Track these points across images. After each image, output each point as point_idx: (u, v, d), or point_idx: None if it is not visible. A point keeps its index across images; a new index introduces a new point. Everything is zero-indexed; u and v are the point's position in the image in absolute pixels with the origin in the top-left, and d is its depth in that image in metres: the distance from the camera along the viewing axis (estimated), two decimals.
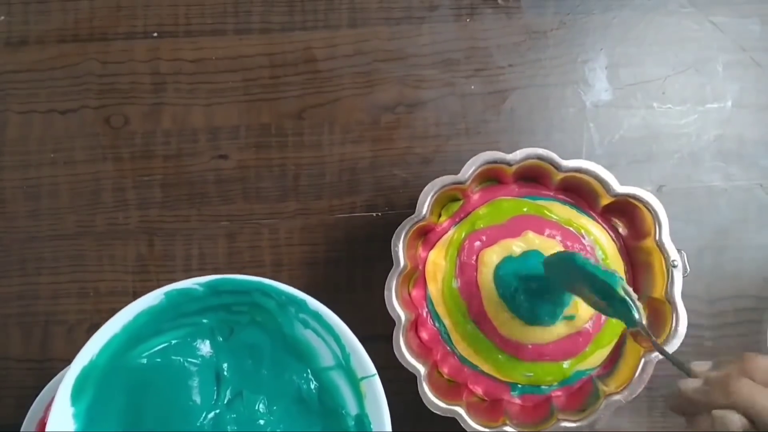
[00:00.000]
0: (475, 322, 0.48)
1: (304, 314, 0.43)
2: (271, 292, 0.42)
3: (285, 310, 0.43)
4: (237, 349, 0.44)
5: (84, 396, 0.40)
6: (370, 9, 0.56)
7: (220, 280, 0.41)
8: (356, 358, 0.42)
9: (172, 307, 0.42)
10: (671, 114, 0.56)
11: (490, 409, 0.48)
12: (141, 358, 0.42)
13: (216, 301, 0.43)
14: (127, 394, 0.42)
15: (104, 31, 0.56)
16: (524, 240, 0.48)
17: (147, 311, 0.41)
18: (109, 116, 0.56)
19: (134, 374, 0.42)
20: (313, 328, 0.43)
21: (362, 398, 0.42)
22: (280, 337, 0.44)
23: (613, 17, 0.56)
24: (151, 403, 0.42)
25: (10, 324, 0.55)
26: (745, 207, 0.55)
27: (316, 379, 0.44)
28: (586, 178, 0.47)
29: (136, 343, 0.42)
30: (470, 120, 0.56)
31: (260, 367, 0.44)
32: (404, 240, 0.47)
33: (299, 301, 0.42)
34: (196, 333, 0.44)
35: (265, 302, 0.43)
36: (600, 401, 0.46)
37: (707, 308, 0.54)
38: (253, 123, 0.56)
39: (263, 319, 0.44)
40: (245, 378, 0.44)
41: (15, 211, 0.55)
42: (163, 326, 0.43)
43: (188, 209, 0.55)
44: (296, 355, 0.44)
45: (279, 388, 0.44)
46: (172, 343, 0.43)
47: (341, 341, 0.42)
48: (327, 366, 0.44)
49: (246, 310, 0.44)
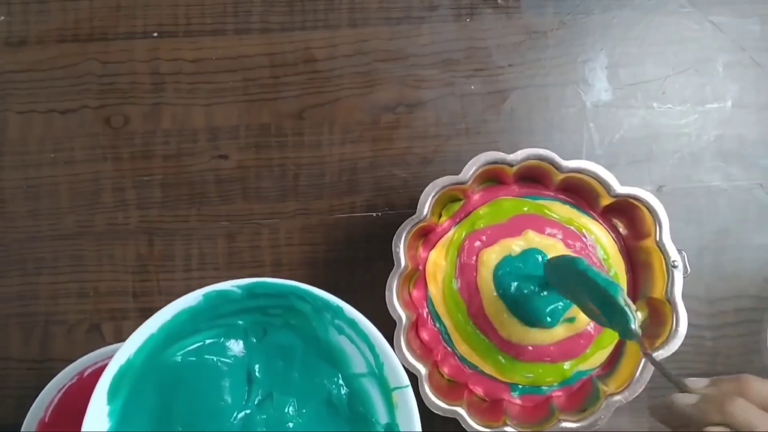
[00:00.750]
0: (476, 323, 0.48)
1: (340, 320, 0.42)
2: (308, 297, 0.42)
3: (320, 315, 0.43)
4: (269, 350, 0.44)
5: (119, 394, 0.40)
6: (370, 9, 0.56)
7: (258, 284, 0.41)
8: (389, 368, 0.42)
9: (210, 308, 0.42)
10: (671, 114, 0.56)
11: (490, 409, 0.48)
12: (176, 357, 0.42)
13: (252, 303, 0.42)
14: (160, 391, 0.42)
15: (104, 31, 0.56)
16: (525, 239, 0.48)
17: (185, 311, 0.41)
18: (109, 116, 0.56)
19: (168, 372, 0.42)
20: (348, 334, 0.43)
21: (393, 408, 0.42)
22: (313, 340, 0.44)
23: (613, 17, 0.56)
24: (182, 400, 0.42)
25: (10, 324, 0.55)
26: (745, 207, 0.55)
27: (346, 385, 0.44)
28: (587, 178, 0.48)
29: (172, 342, 0.42)
30: (470, 120, 0.56)
31: (291, 370, 0.44)
32: (405, 240, 0.47)
33: (335, 308, 0.42)
34: (231, 333, 0.44)
35: (301, 306, 0.43)
36: (600, 401, 0.46)
37: (707, 308, 0.54)
38: (253, 123, 0.56)
39: (297, 322, 0.44)
40: (276, 379, 0.44)
41: (15, 211, 0.55)
42: (199, 326, 0.42)
43: (188, 209, 0.55)
44: (328, 359, 0.44)
45: (309, 391, 0.44)
46: (207, 342, 0.43)
47: (375, 350, 0.42)
48: (359, 372, 0.43)
49: (281, 313, 0.43)
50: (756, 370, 0.54)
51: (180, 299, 0.40)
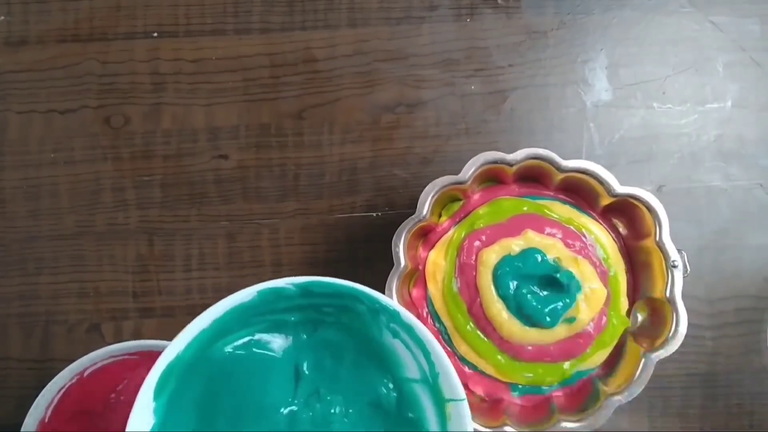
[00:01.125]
0: (475, 323, 0.48)
1: (396, 324, 0.41)
2: (364, 299, 0.41)
3: (376, 317, 0.42)
4: (319, 346, 0.43)
5: (166, 389, 0.39)
6: (370, 9, 0.56)
7: (314, 282, 0.40)
8: (445, 378, 0.40)
9: (263, 304, 0.41)
10: (671, 114, 0.56)
11: (490, 409, 0.48)
12: (224, 350, 0.42)
13: (306, 301, 0.42)
14: (206, 384, 0.41)
15: (104, 31, 0.56)
16: (524, 239, 0.48)
17: (237, 307, 0.40)
18: (109, 116, 0.56)
19: (215, 365, 0.41)
20: (403, 339, 0.42)
21: (446, 419, 0.41)
22: (364, 340, 0.43)
23: (613, 17, 0.56)
24: (228, 394, 0.42)
25: (10, 324, 0.55)
26: (745, 207, 0.55)
27: (396, 388, 0.43)
28: (586, 178, 0.47)
29: (221, 336, 0.41)
30: (470, 120, 0.56)
31: (340, 368, 0.43)
32: (405, 240, 0.47)
33: (392, 312, 0.41)
34: (281, 328, 0.43)
35: (356, 307, 0.42)
36: (600, 401, 0.46)
37: (707, 308, 0.54)
38: (253, 123, 0.56)
39: (350, 321, 0.43)
40: (324, 376, 0.43)
41: (15, 211, 0.55)
42: (250, 320, 0.42)
43: (188, 209, 0.55)
44: (379, 360, 0.43)
45: (357, 390, 0.43)
46: (256, 336, 0.43)
47: (431, 358, 0.41)
48: (411, 377, 0.42)
49: (333, 311, 0.43)
50: (756, 370, 0.54)
51: (234, 295, 0.39)
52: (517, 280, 0.48)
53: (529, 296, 0.47)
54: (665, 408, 0.54)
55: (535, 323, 0.47)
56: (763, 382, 0.54)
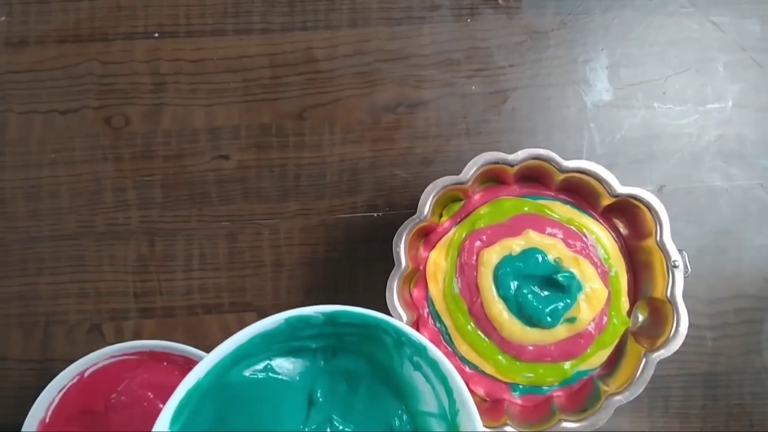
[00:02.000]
0: (476, 323, 0.48)
1: (419, 358, 0.41)
2: (391, 331, 0.40)
3: (400, 349, 0.41)
4: (335, 373, 0.43)
5: (183, 415, 0.39)
6: (370, 9, 0.56)
7: (342, 312, 0.40)
8: (466, 415, 0.39)
9: (289, 331, 0.40)
10: (672, 114, 0.56)
11: (491, 409, 0.48)
12: (241, 374, 0.41)
13: (331, 330, 0.41)
14: (218, 408, 0.41)
15: (104, 31, 0.56)
16: (525, 239, 0.48)
17: (263, 334, 0.39)
18: (110, 116, 0.56)
19: (229, 388, 0.41)
20: (425, 373, 0.41)
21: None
22: (382, 369, 0.42)
23: (613, 17, 0.56)
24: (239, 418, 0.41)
25: (10, 324, 0.55)
26: (746, 207, 0.55)
27: (411, 421, 0.42)
28: (587, 178, 0.47)
29: (240, 361, 0.41)
30: (471, 120, 0.56)
31: (355, 395, 0.42)
32: (406, 240, 0.47)
33: (419, 346, 0.40)
34: (300, 354, 0.42)
35: (382, 338, 0.41)
36: (600, 401, 0.46)
37: (708, 308, 0.54)
38: (253, 123, 0.56)
39: (370, 349, 0.42)
40: (337, 403, 0.42)
41: (15, 211, 0.55)
42: (272, 347, 0.41)
43: (189, 209, 0.55)
44: (395, 391, 0.42)
45: (370, 419, 0.42)
46: (273, 361, 0.42)
47: (453, 395, 0.40)
48: (428, 411, 0.41)
49: (357, 340, 0.42)
50: (756, 370, 0.54)
51: (260, 322, 0.39)
52: (517, 280, 0.48)
53: (530, 296, 0.47)
54: (665, 408, 0.54)
55: (536, 324, 0.47)
56: (763, 382, 0.54)
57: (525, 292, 0.47)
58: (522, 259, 0.48)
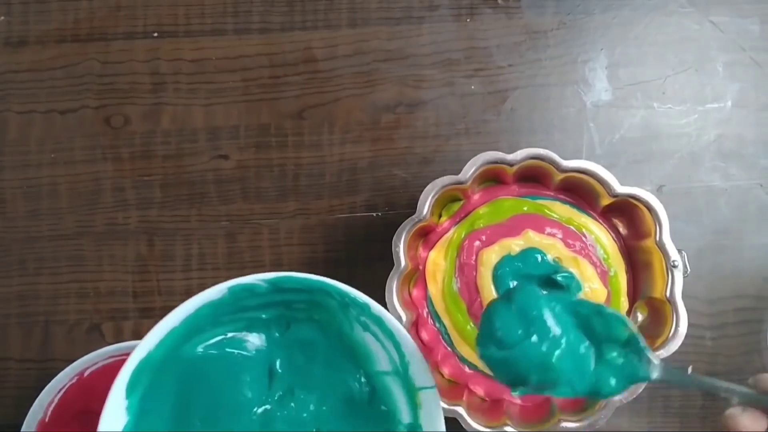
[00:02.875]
0: (475, 323, 0.48)
1: (366, 317, 0.42)
2: (334, 293, 0.41)
3: (346, 311, 0.42)
4: (291, 344, 0.44)
5: (138, 388, 0.39)
6: (370, 9, 0.56)
7: (284, 278, 0.41)
8: (415, 367, 0.41)
9: (234, 302, 0.41)
10: (671, 114, 0.56)
11: (490, 409, 0.48)
12: (196, 350, 0.42)
13: (277, 297, 0.42)
14: (179, 384, 0.41)
15: (104, 31, 0.56)
16: (524, 239, 0.48)
17: (208, 305, 0.40)
18: (109, 116, 0.56)
19: (188, 364, 0.42)
20: (373, 332, 0.42)
21: (417, 408, 0.41)
22: (335, 336, 0.43)
23: (613, 17, 0.56)
24: (202, 393, 0.42)
25: (10, 324, 0.55)
26: (745, 207, 0.55)
27: (369, 382, 0.43)
28: (587, 178, 0.47)
29: (193, 335, 0.41)
30: (470, 120, 0.56)
31: (313, 365, 0.43)
32: (405, 240, 0.47)
33: (362, 305, 0.41)
34: (253, 327, 0.43)
35: (326, 302, 0.42)
36: (600, 401, 0.46)
37: (707, 308, 0.54)
38: (252, 123, 0.56)
39: (321, 317, 0.43)
40: (297, 374, 0.43)
41: (15, 211, 0.55)
42: (221, 319, 0.42)
43: (188, 209, 0.55)
44: (351, 356, 0.43)
45: (331, 387, 0.43)
46: (228, 335, 0.43)
47: (401, 349, 0.41)
48: (382, 370, 0.43)
49: (305, 307, 0.43)
50: (756, 370, 0.54)
51: (204, 292, 0.39)
52: (517, 280, 0.48)
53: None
54: (665, 408, 0.54)
55: None
56: None
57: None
58: (521, 259, 0.48)
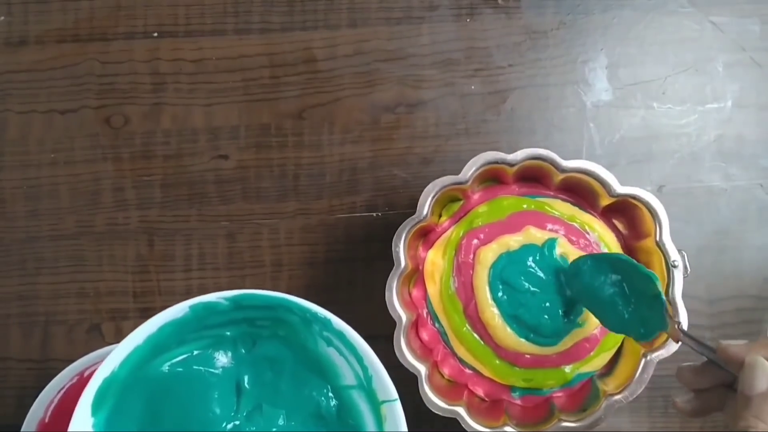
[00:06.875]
0: (471, 325, 0.48)
1: (328, 332, 0.42)
2: (296, 309, 0.41)
3: (309, 326, 0.43)
4: (258, 361, 0.44)
5: (104, 406, 0.40)
6: (370, 9, 0.56)
7: (245, 296, 0.41)
8: (378, 381, 0.41)
9: (197, 320, 0.41)
10: (671, 114, 0.56)
11: (490, 409, 0.48)
12: (162, 368, 0.42)
13: (240, 315, 0.42)
14: (147, 403, 0.42)
15: (104, 31, 0.56)
16: (524, 235, 0.48)
17: (171, 323, 0.40)
18: (109, 116, 0.56)
19: (155, 383, 0.42)
20: (336, 346, 0.43)
21: (382, 421, 0.42)
22: (301, 352, 0.43)
23: (613, 17, 0.56)
24: (170, 411, 0.42)
25: (10, 324, 0.55)
26: (745, 207, 0.55)
27: (336, 397, 0.44)
28: (587, 178, 0.47)
29: (158, 353, 0.42)
30: (470, 120, 0.56)
31: (280, 381, 0.44)
32: (405, 240, 0.47)
33: (323, 320, 0.41)
34: (219, 344, 0.44)
35: (289, 318, 0.42)
36: (600, 401, 0.46)
37: (707, 308, 0.54)
38: (253, 123, 0.56)
39: (286, 333, 0.43)
40: (265, 391, 0.44)
41: (15, 211, 0.55)
42: (186, 337, 0.42)
43: (188, 209, 0.55)
44: (317, 371, 0.44)
45: (298, 402, 0.44)
46: (194, 353, 0.43)
47: (363, 362, 0.42)
48: (348, 385, 0.43)
49: (269, 324, 0.43)
50: None
51: (165, 311, 0.40)
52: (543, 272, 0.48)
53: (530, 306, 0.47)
54: (665, 408, 0.54)
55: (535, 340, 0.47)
56: None
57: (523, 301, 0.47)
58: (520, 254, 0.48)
